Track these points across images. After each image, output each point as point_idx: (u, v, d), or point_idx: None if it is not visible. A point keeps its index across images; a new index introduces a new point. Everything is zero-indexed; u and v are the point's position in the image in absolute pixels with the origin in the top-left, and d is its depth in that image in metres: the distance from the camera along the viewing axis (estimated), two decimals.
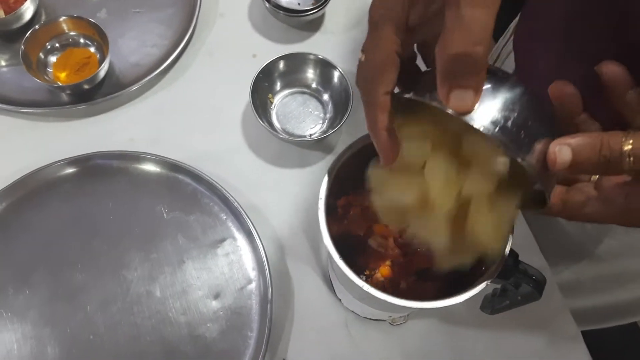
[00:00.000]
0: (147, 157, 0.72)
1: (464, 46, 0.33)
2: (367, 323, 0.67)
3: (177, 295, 0.66)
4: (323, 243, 0.69)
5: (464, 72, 0.34)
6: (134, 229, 0.69)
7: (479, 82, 0.35)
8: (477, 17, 0.33)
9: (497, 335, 0.67)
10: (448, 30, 0.34)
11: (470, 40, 0.33)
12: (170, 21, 0.82)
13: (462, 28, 0.33)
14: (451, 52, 0.33)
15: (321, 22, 0.84)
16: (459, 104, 0.35)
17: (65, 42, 0.77)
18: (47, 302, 0.65)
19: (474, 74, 0.34)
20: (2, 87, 0.77)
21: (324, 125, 0.77)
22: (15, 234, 0.68)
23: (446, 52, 0.34)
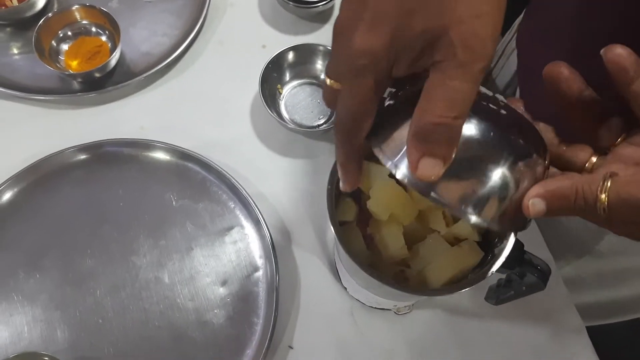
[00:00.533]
0: (157, 145, 0.72)
1: (446, 116, 0.33)
2: (373, 312, 0.68)
3: (185, 281, 0.67)
4: (329, 232, 0.70)
5: (440, 142, 0.34)
6: (143, 215, 0.70)
7: (450, 154, 0.35)
8: (463, 90, 0.33)
9: (502, 325, 0.67)
10: (431, 97, 0.33)
11: (453, 112, 0.33)
12: (180, 11, 0.83)
13: (446, 98, 0.33)
14: (431, 120, 0.33)
15: (331, 14, 0.84)
16: (426, 173, 0.34)
17: (78, 30, 0.78)
18: (57, 286, 0.66)
19: (449, 145, 0.34)
20: (14, 74, 0.78)
21: (332, 117, 0.77)
22: (26, 219, 0.69)
23: (425, 119, 0.33)
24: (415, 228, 0.54)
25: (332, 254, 0.70)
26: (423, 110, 0.34)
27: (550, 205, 0.36)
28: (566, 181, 0.36)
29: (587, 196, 0.35)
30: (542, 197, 0.36)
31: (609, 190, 0.34)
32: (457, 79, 0.33)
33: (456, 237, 0.54)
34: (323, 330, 0.67)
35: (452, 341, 0.67)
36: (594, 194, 0.34)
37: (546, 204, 0.36)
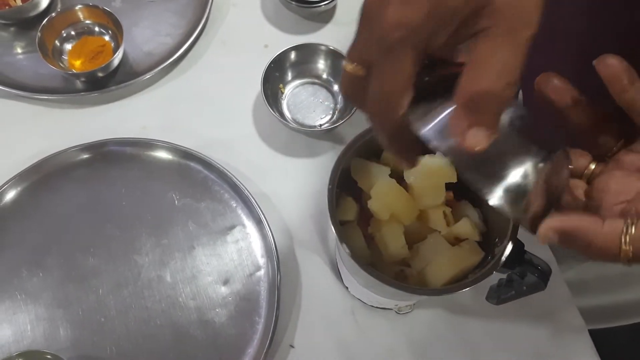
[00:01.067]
0: (160, 145, 0.73)
1: (497, 85, 0.32)
2: (374, 311, 0.68)
3: (187, 280, 0.67)
4: (330, 231, 0.71)
5: (488, 111, 0.33)
6: (145, 214, 0.70)
7: (496, 124, 0.34)
8: (513, 58, 0.32)
9: (503, 325, 0.67)
10: (480, 65, 0.33)
11: (503, 81, 0.32)
12: (183, 11, 0.83)
13: (496, 66, 0.32)
14: (481, 87, 0.32)
15: (333, 14, 0.85)
16: (473, 142, 0.33)
17: (81, 30, 0.79)
18: (59, 284, 0.67)
19: (496, 114, 0.34)
20: (18, 74, 0.78)
21: (334, 116, 0.77)
22: (29, 218, 0.69)
23: (475, 87, 0.33)
24: (416, 228, 0.55)
25: (334, 254, 0.70)
26: (471, 79, 0.33)
27: (562, 242, 0.36)
28: (585, 223, 0.35)
29: (608, 246, 0.34)
30: (557, 233, 0.36)
31: (633, 239, 0.33)
32: (505, 47, 0.32)
33: (457, 237, 0.54)
34: (324, 330, 0.67)
35: (454, 340, 0.67)
36: (616, 245, 0.34)
37: (559, 239, 0.36)
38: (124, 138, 0.73)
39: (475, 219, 0.55)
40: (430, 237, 0.54)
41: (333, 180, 0.52)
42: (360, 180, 0.55)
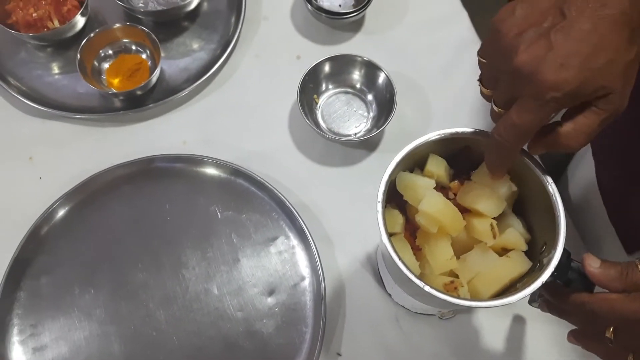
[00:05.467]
0: (202, 159, 0.74)
1: (579, 145, 0.47)
2: (417, 317, 0.69)
3: (233, 292, 0.69)
4: (371, 239, 0.72)
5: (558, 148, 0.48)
6: (190, 229, 0.72)
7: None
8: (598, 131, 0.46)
9: (545, 328, 0.68)
10: (582, 128, 0.45)
11: (585, 143, 0.47)
12: (215, 25, 0.84)
13: (589, 133, 0.45)
14: (570, 145, 0.47)
15: (362, 23, 0.85)
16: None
17: (118, 49, 0.80)
18: (111, 300, 0.68)
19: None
20: (57, 94, 0.80)
21: (367, 124, 0.79)
22: (78, 236, 0.71)
23: (567, 142, 0.47)
24: (462, 239, 0.56)
25: (375, 261, 0.72)
26: (568, 136, 0.46)
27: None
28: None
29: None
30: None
31: None
32: (604, 124, 0.44)
33: (503, 247, 0.55)
34: (370, 337, 0.69)
35: (497, 344, 0.68)
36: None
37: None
38: (169, 154, 0.75)
39: (519, 228, 0.56)
40: (477, 247, 0.55)
41: (383, 195, 0.53)
42: (407, 193, 0.56)
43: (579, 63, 0.41)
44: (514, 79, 0.44)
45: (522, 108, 0.44)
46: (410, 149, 0.55)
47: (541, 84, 0.42)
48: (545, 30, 0.42)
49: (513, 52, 0.43)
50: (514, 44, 0.43)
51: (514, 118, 0.44)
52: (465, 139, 0.56)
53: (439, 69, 0.83)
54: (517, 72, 0.43)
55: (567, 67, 0.41)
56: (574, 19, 0.42)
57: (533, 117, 0.44)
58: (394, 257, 0.50)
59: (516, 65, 0.43)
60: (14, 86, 0.79)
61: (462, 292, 0.54)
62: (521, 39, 0.43)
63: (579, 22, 0.42)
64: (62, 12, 0.80)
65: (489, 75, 0.49)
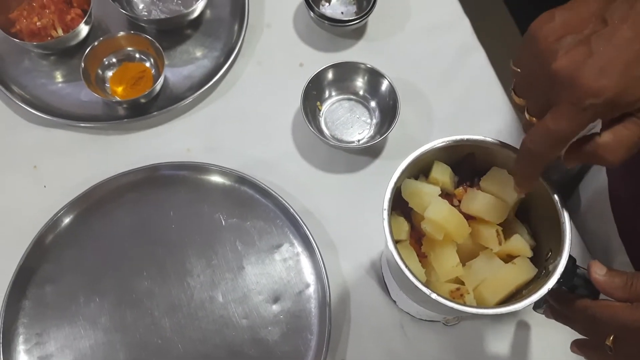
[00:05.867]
0: (206, 167, 0.75)
1: (618, 160, 0.44)
2: (422, 324, 0.69)
3: (238, 300, 0.69)
4: (375, 246, 0.72)
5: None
6: (194, 236, 0.72)
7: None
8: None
9: (550, 334, 0.68)
10: (621, 141, 0.43)
11: (625, 156, 0.44)
12: (219, 33, 0.84)
13: (631, 147, 0.43)
14: (607, 160, 0.44)
15: (364, 30, 0.86)
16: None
17: (121, 57, 0.80)
18: (116, 308, 0.69)
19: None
20: (61, 102, 0.80)
21: (370, 131, 0.79)
22: (83, 245, 0.71)
23: (605, 155, 0.44)
24: (468, 245, 0.56)
25: (379, 268, 0.72)
26: (604, 144, 0.43)
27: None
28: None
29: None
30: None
31: None
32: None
33: (509, 254, 0.55)
34: (375, 344, 0.69)
35: (502, 350, 0.69)
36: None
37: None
38: (174, 162, 0.75)
39: (524, 234, 0.56)
40: (483, 254, 0.55)
41: (389, 203, 0.53)
42: (412, 201, 0.56)
43: (620, 70, 0.40)
44: (551, 85, 0.43)
45: (558, 114, 0.42)
46: (415, 157, 0.55)
47: (580, 89, 0.41)
48: (585, 36, 0.42)
49: (551, 57, 0.42)
50: (553, 49, 0.42)
51: (550, 124, 0.43)
52: (470, 146, 0.56)
53: (441, 74, 0.83)
54: (555, 77, 0.42)
55: (607, 74, 0.40)
56: (616, 27, 0.41)
57: (569, 124, 0.42)
58: (401, 265, 0.50)
59: (554, 70, 0.42)
60: (17, 94, 0.79)
61: (468, 299, 0.54)
62: (560, 44, 0.42)
63: (621, 30, 0.41)
64: (66, 20, 0.80)
65: (523, 83, 0.48)
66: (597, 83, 0.40)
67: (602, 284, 0.47)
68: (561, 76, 0.41)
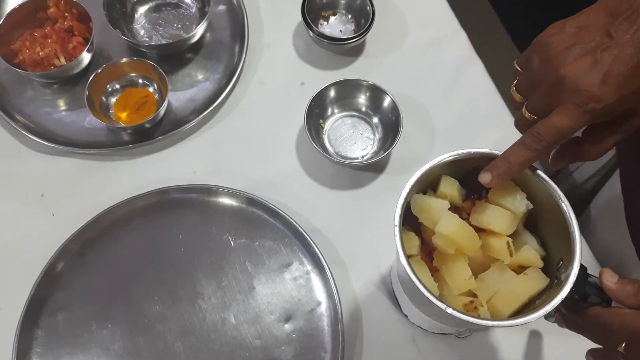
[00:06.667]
0: (214, 189, 0.75)
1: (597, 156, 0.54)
2: (434, 337, 0.70)
3: (250, 320, 0.69)
4: (384, 260, 0.72)
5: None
6: (204, 258, 0.72)
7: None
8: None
9: (562, 342, 0.68)
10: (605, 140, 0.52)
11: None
12: (220, 56, 0.85)
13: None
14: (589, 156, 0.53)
15: (363, 47, 0.87)
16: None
17: (125, 83, 0.81)
18: (128, 334, 0.69)
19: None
20: (66, 130, 0.80)
21: (374, 146, 0.79)
22: (94, 271, 0.72)
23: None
24: (479, 258, 0.56)
25: (389, 283, 0.72)
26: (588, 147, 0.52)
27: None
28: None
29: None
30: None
31: None
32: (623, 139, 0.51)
33: (520, 265, 0.56)
34: (388, 359, 0.69)
35: None
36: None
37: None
38: (182, 185, 0.75)
39: (534, 245, 0.57)
40: (494, 266, 0.56)
41: (399, 219, 0.53)
42: (422, 215, 0.57)
43: (619, 83, 0.46)
44: (557, 87, 0.48)
45: (563, 112, 0.48)
46: (423, 172, 0.56)
47: (584, 93, 0.47)
48: (592, 47, 0.47)
49: (560, 63, 0.48)
50: (562, 56, 0.48)
51: (555, 120, 0.48)
52: (477, 158, 0.57)
53: (441, 88, 0.84)
54: (563, 80, 0.47)
55: (608, 84, 0.46)
56: (619, 42, 0.47)
57: (572, 122, 0.48)
58: (415, 281, 0.51)
59: (563, 74, 0.47)
60: (22, 124, 0.80)
61: (482, 311, 0.54)
62: (569, 52, 0.48)
63: (624, 45, 0.46)
64: (68, 49, 0.80)
65: (527, 82, 0.53)
66: (600, 90, 0.46)
67: (614, 291, 0.48)
68: (569, 80, 0.47)
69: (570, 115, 0.48)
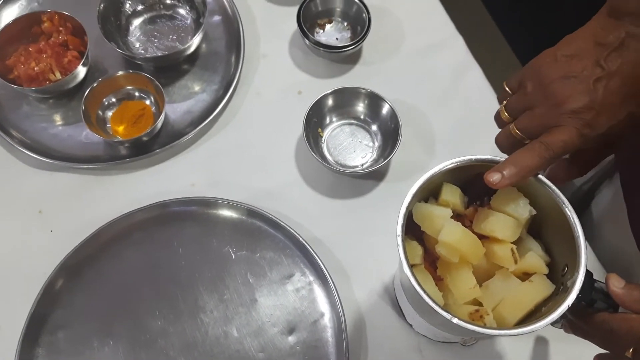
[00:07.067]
0: (214, 201, 0.74)
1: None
2: (439, 346, 0.69)
3: (253, 333, 0.69)
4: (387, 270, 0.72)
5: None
6: (205, 271, 0.72)
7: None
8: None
9: (569, 349, 0.68)
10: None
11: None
12: (216, 66, 0.85)
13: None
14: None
15: (360, 55, 0.86)
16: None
17: (121, 96, 0.80)
18: (130, 350, 0.68)
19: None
20: (62, 145, 0.80)
21: (373, 154, 0.79)
22: (94, 288, 0.71)
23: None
24: (483, 266, 0.56)
25: (393, 292, 0.71)
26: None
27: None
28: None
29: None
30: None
31: None
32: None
33: (525, 272, 0.55)
34: None
35: None
36: None
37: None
38: (183, 198, 0.75)
39: (538, 251, 0.56)
40: (499, 274, 0.55)
41: (402, 228, 0.53)
42: (424, 224, 0.56)
43: (612, 112, 0.52)
44: (554, 112, 0.52)
45: (565, 131, 0.52)
46: (425, 180, 0.55)
47: (582, 120, 0.51)
48: (585, 77, 0.51)
49: (557, 90, 0.52)
50: (558, 85, 0.52)
51: (560, 136, 0.52)
52: (479, 165, 0.56)
53: (439, 94, 0.84)
54: (560, 106, 0.52)
55: (603, 114, 0.51)
56: (609, 72, 0.51)
57: (573, 140, 0.52)
58: (419, 291, 0.50)
59: (560, 101, 0.52)
60: (18, 140, 0.79)
61: (487, 320, 0.54)
62: (565, 82, 0.52)
63: (613, 77, 0.51)
64: (63, 63, 0.80)
65: (518, 105, 0.56)
66: (595, 120, 0.51)
67: (621, 297, 0.48)
68: (567, 107, 0.51)
69: (571, 134, 0.52)
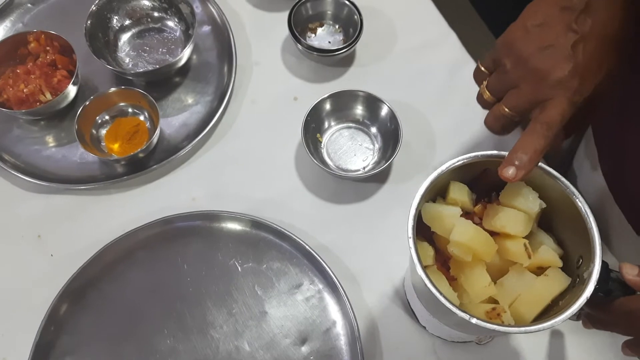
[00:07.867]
0: (217, 214, 0.73)
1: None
2: (454, 346, 0.68)
3: (265, 346, 0.67)
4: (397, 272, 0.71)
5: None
6: (212, 286, 0.70)
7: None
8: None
9: (586, 340, 0.67)
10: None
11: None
12: (208, 77, 0.84)
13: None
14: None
15: (353, 57, 0.85)
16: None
17: (114, 113, 0.79)
18: None
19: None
20: (57, 166, 0.78)
21: (374, 157, 0.78)
22: (99, 310, 0.69)
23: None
24: (497, 263, 0.55)
25: (404, 295, 0.70)
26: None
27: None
28: None
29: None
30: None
31: None
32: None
33: (539, 266, 0.54)
34: None
35: None
36: None
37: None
38: (185, 213, 0.73)
39: (551, 244, 0.56)
40: (513, 270, 0.54)
41: (412, 230, 0.52)
42: (434, 224, 0.55)
43: (594, 76, 0.53)
44: (540, 86, 0.53)
45: (558, 104, 0.53)
46: (432, 180, 0.54)
47: (570, 89, 0.52)
48: (562, 45, 0.52)
49: (538, 63, 0.53)
50: (538, 57, 0.53)
51: (556, 110, 0.53)
52: (485, 161, 0.56)
53: (436, 92, 0.83)
54: (545, 79, 0.52)
55: (587, 79, 0.53)
56: (584, 35, 0.52)
57: (567, 111, 0.53)
58: (435, 292, 0.49)
59: (544, 74, 0.52)
60: (11, 164, 0.77)
61: (505, 317, 0.53)
62: (544, 53, 0.53)
63: (587, 39, 0.52)
64: (53, 83, 0.78)
65: (500, 84, 0.57)
66: (580, 86, 0.52)
67: (638, 283, 0.48)
68: (553, 79, 0.52)
69: (563, 105, 0.53)
